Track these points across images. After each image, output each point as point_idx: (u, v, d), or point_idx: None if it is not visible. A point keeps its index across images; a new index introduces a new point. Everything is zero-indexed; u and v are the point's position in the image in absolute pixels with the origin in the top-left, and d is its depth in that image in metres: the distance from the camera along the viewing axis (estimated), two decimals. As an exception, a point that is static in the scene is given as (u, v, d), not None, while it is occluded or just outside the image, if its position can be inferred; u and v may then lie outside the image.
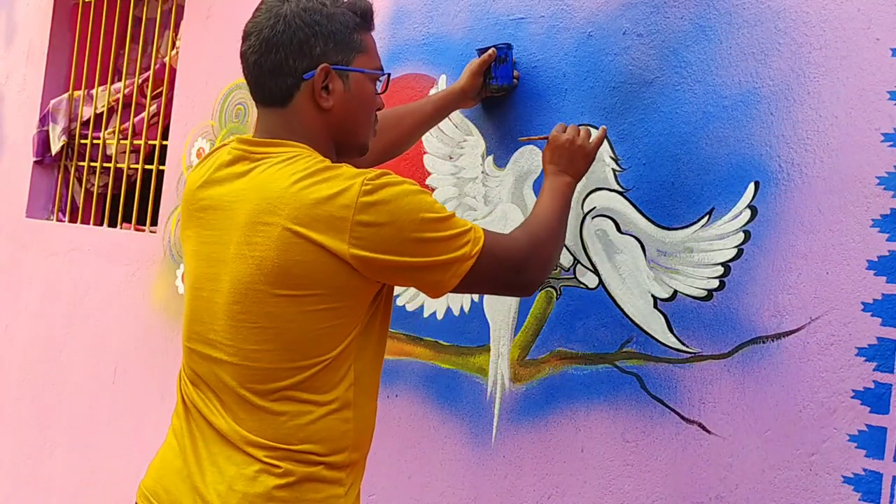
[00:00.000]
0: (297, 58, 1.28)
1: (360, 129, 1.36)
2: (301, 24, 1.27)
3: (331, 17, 1.29)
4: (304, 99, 1.30)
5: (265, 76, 1.31)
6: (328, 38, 1.28)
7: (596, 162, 1.80)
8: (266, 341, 1.23)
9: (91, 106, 3.51)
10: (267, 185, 1.24)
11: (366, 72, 1.33)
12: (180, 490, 1.28)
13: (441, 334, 2.06)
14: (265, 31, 1.29)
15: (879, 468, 1.40)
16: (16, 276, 3.60)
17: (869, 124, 1.46)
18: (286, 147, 1.29)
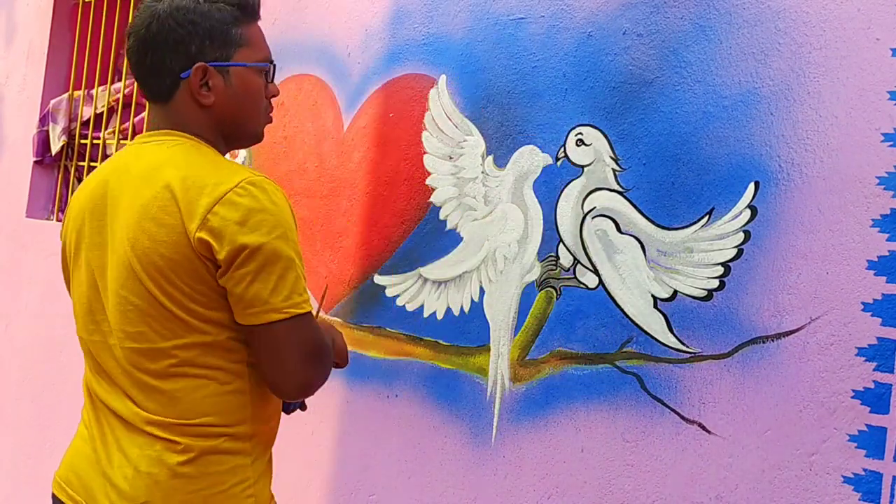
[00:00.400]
0: (173, 57, 1.28)
1: (248, 121, 1.36)
2: (174, 24, 1.27)
3: (205, 14, 1.29)
4: (184, 96, 1.31)
5: (146, 75, 1.32)
6: (204, 36, 1.28)
7: (596, 162, 1.80)
8: (146, 322, 1.25)
9: (91, 106, 3.51)
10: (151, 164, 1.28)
11: (247, 65, 1.33)
12: (90, 476, 1.30)
13: (441, 334, 2.06)
14: (142, 31, 1.30)
15: (879, 468, 1.40)
16: (16, 276, 3.60)
17: (869, 124, 1.46)
18: (173, 136, 1.31)
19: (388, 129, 2.25)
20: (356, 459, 2.21)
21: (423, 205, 2.15)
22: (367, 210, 2.29)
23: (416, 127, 2.18)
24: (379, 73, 2.29)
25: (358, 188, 2.31)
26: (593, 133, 1.82)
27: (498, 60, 2.02)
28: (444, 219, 2.10)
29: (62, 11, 3.69)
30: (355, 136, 2.33)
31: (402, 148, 2.21)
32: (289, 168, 2.51)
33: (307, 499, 2.31)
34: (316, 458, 2.31)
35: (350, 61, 2.37)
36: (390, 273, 2.21)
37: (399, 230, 2.20)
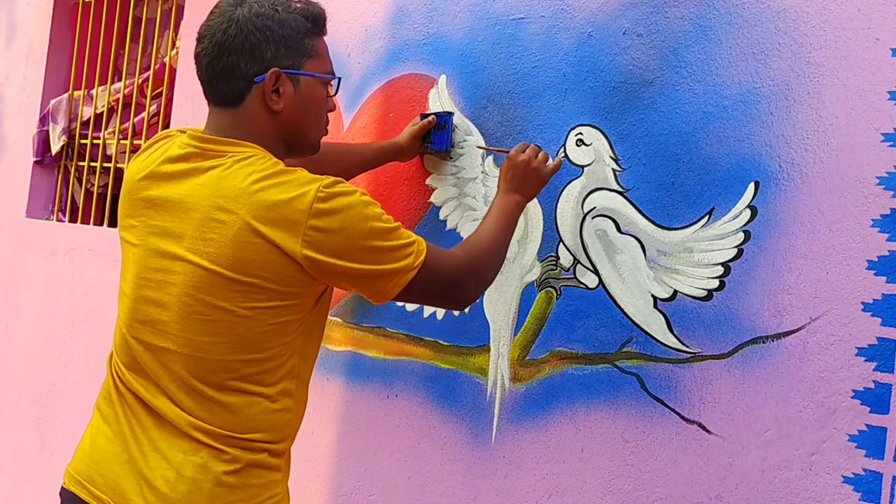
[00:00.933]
0: (248, 61, 1.32)
1: (311, 130, 1.42)
2: (253, 28, 1.31)
3: (282, 22, 1.33)
4: (254, 101, 1.34)
5: (217, 78, 1.35)
6: (279, 43, 1.32)
7: (596, 162, 1.80)
8: (218, 334, 1.28)
9: (91, 106, 3.51)
10: (223, 183, 1.28)
11: (316, 76, 1.38)
12: (119, 475, 1.30)
13: (441, 334, 2.06)
14: (218, 34, 1.32)
15: (879, 468, 1.40)
16: (16, 276, 3.60)
17: (869, 124, 1.46)
18: (240, 147, 1.33)
19: (388, 129, 2.24)
20: (356, 459, 2.21)
21: (423, 205, 2.15)
22: (367, 210, 2.29)
23: (416, 127, 2.18)
24: (379, 73, 2.29)
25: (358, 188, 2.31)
26: (593, 133, 1.82)
27: (498, 60, 2.02)
28: (444, 219, 2.11)
29: (62, 11, 3.69)
30: (355, 136, 2.33)
31: (402, 148, 2.21)
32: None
33: (307, 498, 2.31)
34: (316, 458, 2.31)
35: (350, 61, 2.37)
36: (390, 273, 2.21)
37: (399, 230, 2.20)
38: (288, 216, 1.25)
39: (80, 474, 1.36)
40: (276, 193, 1.26)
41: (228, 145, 1.33)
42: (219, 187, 1.29)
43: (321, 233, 1.26)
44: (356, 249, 1.29)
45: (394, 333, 2.16)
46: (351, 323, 2.27)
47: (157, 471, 1.28)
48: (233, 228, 1.26)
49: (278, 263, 1.26)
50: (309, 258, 1.26)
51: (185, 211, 1.31)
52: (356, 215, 1.29)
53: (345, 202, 1.29)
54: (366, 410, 2.21)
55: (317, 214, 1.25)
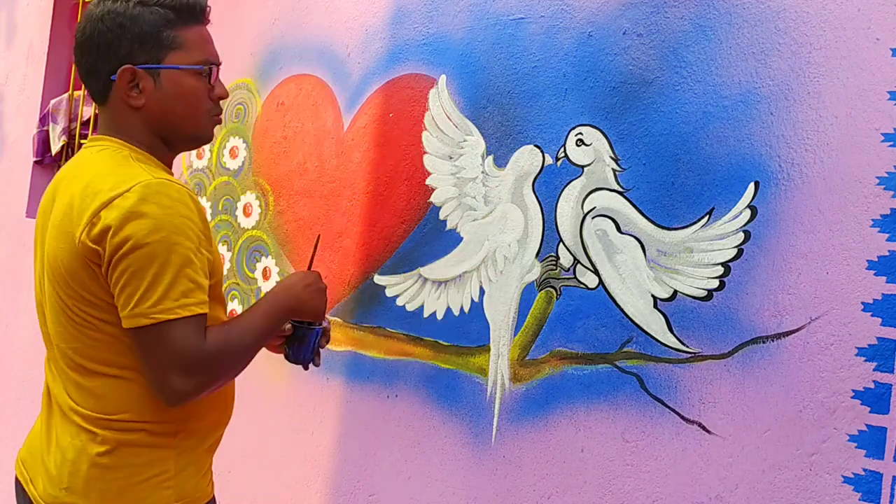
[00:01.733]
0: (104, 60, 1.31)
1: (185, 123, 1.36)
2: (104, 28, 1.30)
3: (135, 17, 1.29)
4: (116, 98, 1.33)
5: (85, 77, 1.37)
6: (133, 40, 1.29)
7: (596, 162, 1.80)
8: (61, 323, 1.31)
9: (91, 106, 3.51)
10: (73, 172, 1.33)
11: (179, 68, 1.32)
12: (35, 456, 1.39)
13: (441, 334, 2.06)
14: (79, 34, 1.34)
15: (879, 468, 1.40)
16: (16, 276, 3.60)
17: (869, 124, 1.46)
18: (103, 141, 1.36)
19: (388, 129, 2.24)
20: (356, 459, 2.21)
21: (423, 205, 2.15)
22: (367, 210, 2.29)
23: (416, 127, 2.18)
24: (379, 73, 2.29)
25: (358, 188, 2.31)
26: (593, 133, 1.82)
27: (498, 60, 2.02)
28: (444, 219, 2.11)
29: (62, 11, 3.69)
30: (355, 136, 2.33)
31: (402, 148, 2.21)
32: (289, 168, 2.51)
33: (307, 498, 2.31)
34: (316, 458, 2.31)
35: (350, 61, 2.37)
36: (390, 273, 2.21)
37: (399, 230, 2.20)
38: (94, 200, 1.23)
39: (20, 455, 1.47)
40: (102, 176, 1.26)
41: (95, 140, 1.37)
42: (70, 177, 1.33)
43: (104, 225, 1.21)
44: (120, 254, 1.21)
45: (394, 333, 2.16)
46: (351, 323, 2.27)
47: (51, 454, 1.34)
48: (60, 212, 1.29)
49: (73, 250, 1.25)
50: (86, 246, 1.23)
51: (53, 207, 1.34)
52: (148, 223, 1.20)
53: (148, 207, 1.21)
54: (366, 410, 2.21)
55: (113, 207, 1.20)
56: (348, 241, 2.32)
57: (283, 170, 2.53)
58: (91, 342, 1.29)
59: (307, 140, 2.46)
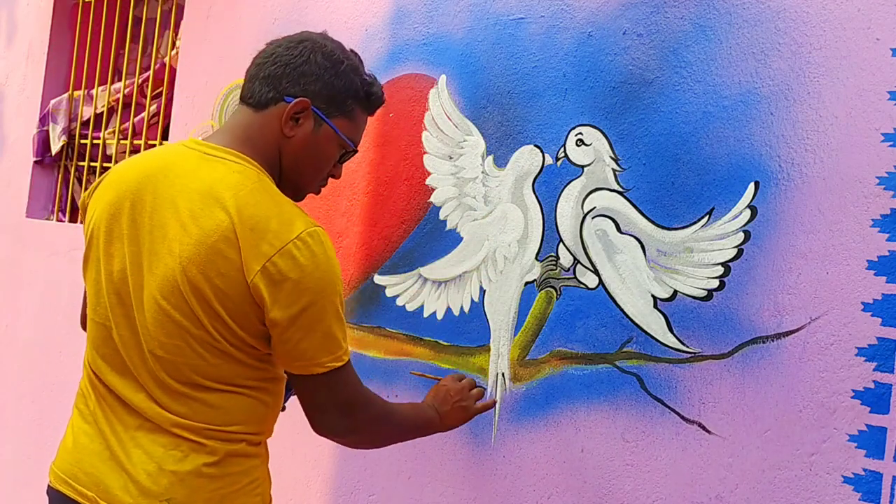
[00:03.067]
0: (291, 81, 1.37)
1: (306, 173, 1.43)
2: (313, 59, 1.37)
3: (340, 74, 1.39)
4: (274, 115, 1.37)
5: (258, 80, 1.39)
6: (326, 85, 1.38)
7: (596, 162, 1.80)
8: (186, 337, 1.31)
9: (91, 106, 3.51)
10: (212, 185, 1.31)
11: (338, 132, 1.41)
12: (102, 471, 1.34)
13: (441, 334, 2.06)
14: (282, 47, 1.39)
15: (879, 468, 1.40)
16: (16, 276, 3.60)
17: (869, 124, 1.46)
18: (237, 157, 1.35)
19: (388, 129, 2.24)
20: (356, 459, 2.21)
21: (423, 205, 2.15)
22: (367, 210, 2.29)
23: (416, 127, 2.18)
24: (379, 73, 2.29)
25: (358, 188, 2.31)
26: (593, 133, 1.82)
27: (498, 60, 2.02)
28: (444, 219, 2.11)
29: (62, 11, 3.69)
30: (355, 136, 2.33)
31: (402, 148, 2.21)
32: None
33: (307, 498, 2.31)
34: (316, 458, 2.31)
35: (350, 61, 2.37)
36: (390, 273, 2.21)
37: (399, 230, 2.20)
38: (263, 239, 1.26)
39: (64, 472, 1.39)
40: (262, 210, 1.28)
41: (226, 153, 1.35)
42: (208, 189, 1.30)
43: (280, 273, 1.26)
44: (298, 310, 1.28)
45: (394, 333, 2.16)
46: (351, 323, 2.27)
47: (139, 465, 1.31)
48: (213, 232, 1.27)
49: (236, 281, 1.27)
50: (257, 287, 1.27)
51: (173, 209, 1.32)
52: (321, 281, 1.29)
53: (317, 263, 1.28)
54: (366, 410, 2.21)
55: (285, 255, 1.26)
56: (348, 241, 2.32)
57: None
58: (216, 361, 1.32)
59: (307, 140, 2.46)
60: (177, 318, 1.30)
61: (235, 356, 1.32)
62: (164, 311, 1.30)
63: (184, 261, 1.28)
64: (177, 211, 1.31)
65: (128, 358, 1.35)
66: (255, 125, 1.38)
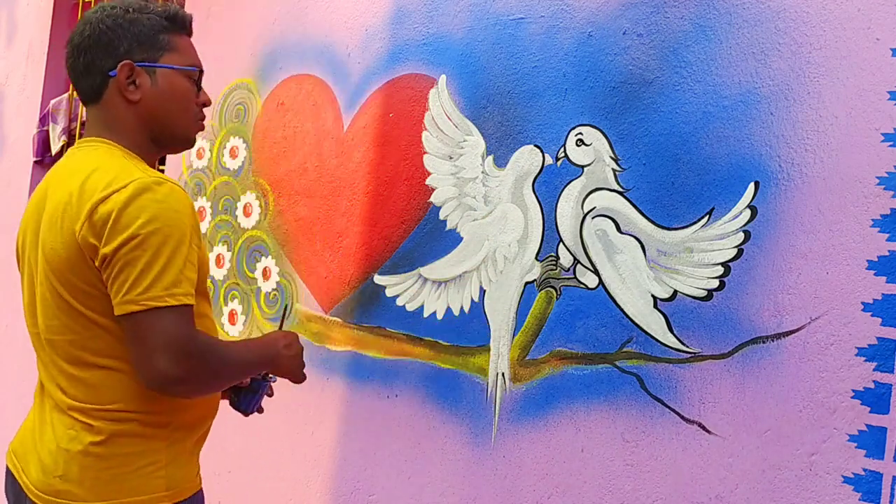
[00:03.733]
0: (102, 57, 1.40)
1: (176, 122, 1.44)
2: (104, 27, 1.40)
3: (134, 21, 1.41)
4: (112, 94, 1.41)
5: (79, 77, 1.44)
6: (132, 39, 1.40)
7: (596, 162, 1.80)
8: (57, 316, 1.36)
9: (91, 106, 3.51)
10: (66, 171, 1.38)
11: (173, 67, 1.42)
12: (27, 447, 1.44)
13: (441, 334, 2.06)
14: (76, 37, 1.43)
15: (879, 468, 1.40)
16: (16, 276, 3.59)
17: (869, 124, 1.46)
18: (93, 142, 1.41)
19: (388, 129, 2.25)
20: (356, 459, 2.21)
21: (423, 205, 2.15)
22: (367, 210, 2.29)
23: (416, 127, 2.18)
24: (379, 73, 2.30)
25: (358, 188, 2.31)
26: (593, 133, 1.82)
27: (498, 60, 2.02)
28: (444, 219, 2.11)
29: (62, 11, 3.69)
30: (355, 136, 2.33)
31: (402, 148, 2.21)
32: (289, 168, 2.51)
33: (307, 498, 2.31)
34: (316, 458, 2.31)
35: (350, 61, 2.37)
36: (390, 273, 2.21)
37: (399, 230, 2.20)
38: (92, 197, 1.28)
39: (12, 447, 1.50)
40: (97, 174, 1.31)
41: (86, 142, 1.42)
42: (63, 175, 1.38)
43: (101, 217, 1.26)
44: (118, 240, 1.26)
45: (394, 333, 2.16)
46: (351, 323, 2.27)
47: (45, 444, 1.39)
48: (58, 209, 1.33)
49: (72, 245, 1.30)
50: (86, 241, 1.28)
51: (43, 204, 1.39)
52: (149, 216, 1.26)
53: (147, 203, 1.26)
54: (366, 410, 2.21)
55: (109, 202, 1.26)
56: (348, 241, 2.32)
57: (283, 170, 2.53)
58: (87, 334, 1.34)
59: (307, 140, 2.46)
60: (49, 299, 1.37)
61: (102, 323, 1.33)
62: (42, 296, 1.38)
63: (43, 241, 1.36)
64: (48, 200, 1.38)
65: (38, 350, 1.45)
66: (103, 115, 1.42)
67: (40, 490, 1.36)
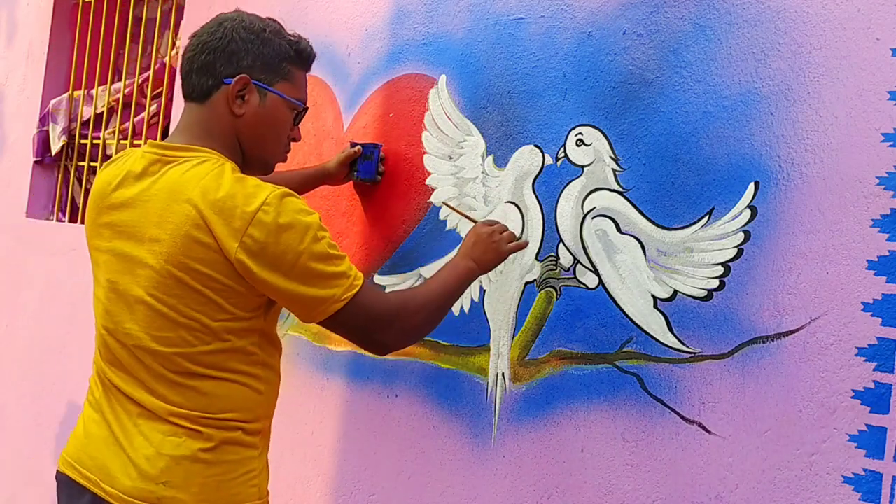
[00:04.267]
0: (224, 63, 1.43)
1: (267, 145, 1.50)
2: (237, 37, 1.43)
3: (266, 41, 1.45)
4: (220, 100, 1.43)
5: (194, 72, 1.45)
6: (257, 57, 1.44)
7: (596, 162, 1.80)
8: (176, 328, 1.36)
9: (91, 106, 3.51)
10: (178, 182, 1.37)
11: (283, 96, 1.47)
12: (106, 455, 1.40)
13: (441, 334, 2.06)
14: (205, 35, 1.45)
15: (879, 468, 1.40)
16: (16, 276, 3.60)
17: (869, 124, 1.46)
18: (197, 152, 1.41)
19: (388, 129, 2.25)
20: (356, 459, 2.21)
21: (423, 205, 2.15)
22: (367, 210, 2.29)
23: (416, 127, 2.18)
24: (379, 73, 2.30)
25: (358, 188, 2.31)
26: (593, 133, 1.83)
27: (498, 60, 2.02)
28: (444, 219, 2.11)
29: (62, 11, 3.69)
30: (355, 136, 2.33)
31: (402, 148, 2.21)
32: (289, 168, 2.51)
33: (307, 498, 2.31)
34: (316, 458, 2.31)
35: (350, 61, 2.38)
36: (390, 273, 2.21)
37: (399, 230, 2.20)
38: (234, 214, 1.31)
39: (71, 457, 1.46)
40: (224, 189, 1.33)
41: (187, 150, 1.42)
42: (173, 186, 1.37)
43: (257, 242, 1.31)
44: (287, 266, 1.33)
45: (394, 333, 2.16)
46: (351, 323, 2.27)
47: (139, 450, 1.37)
48: (183, 224, 1.33)
49: (219, 262, 1.32)
50: (242, 262, 1.32)
51: (144, 212, 1.39)
52: (296, 234, 1.33)
53: (289, 218, 1.33)
54: (366, 410, 2.21)
55: (258, 223, 1.31)
56: (348, 241, 2.32)
57: (284, 170, 2.53)
58: (206, 349, 1.37)
59: (307, 140, 2.46)
60: (164, 312, 1.36)
61: (225, 339, 1.37)
62: (153, 307, 1.37)
63: (164, 256, 1.35)
64: (148, 213, 1.38)
65: (123, 357, 1.42)
66: (205, 116, 1.44)
67: (138, 497, 1.35)
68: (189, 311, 1.35)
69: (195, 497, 1.35)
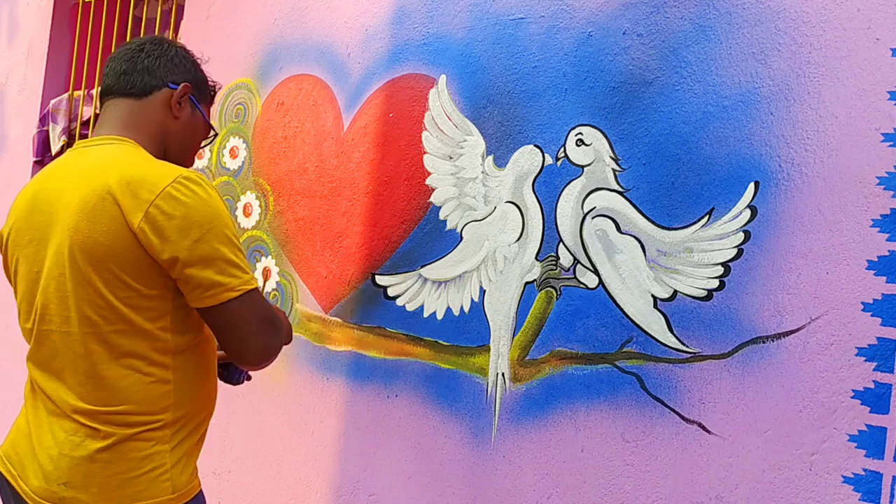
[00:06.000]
0: (168, 70, 1.52)
1: (187, 151, 1.58)
2: (180, 53, 1.55)
3: (198, 67, 1.59)
4: (159, 101, 1.50)
5: (136, 71, 1.50)
6: (194, 76, 1.55)
7: (596, 162, 1.80)
8: (77, 308, 1.36)
9: (91, 106, 3.51)
10: (91, 162, 1.40)
11: (206, 118, 1.60)
12: (23, 452, 1.44)
13: (441, 334, 2.06)
14: (149, 43, 1.54)
15: (879, 468, 1.40)
16: (16, 276, 3.59)
17: (869, 124, 1.46)
18: (120, 140, 1.44)
19: (388, 129, 2.25)
20: (356, 459, 2.21)
21: (423, 205, 2.15)
22: (367, 210, 2.29)
23: (416, 127, 2.18)
24: (379, 73, 2.30)
25: (358, 188, 2.31)
26: (593, 133, 1.83)
27: (498, 60, 2.02)
28: (444, 219, 2.11)
29: (62, 11, 3.69)
30: (355, 136, 2.33)
31: (402, 148, 2.21)
32: (289, 168, 2.51)
33: (307, 498, 2.31)
34: (316, 458, 2.31)
35: (350, 61, 2.38)
36: (390, 273, 2.21)
37: (399, 230, 2.20)
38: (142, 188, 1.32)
39: (3, 451, 1.50)
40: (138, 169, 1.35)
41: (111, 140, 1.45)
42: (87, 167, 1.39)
43: (164, 213, 1.31)
44: (190, 241, 1.32)
45: (394, 333, 2.16)
46: (351, 323, 2.27)
47: (45, 449, 1.39)
48: (90, 197, 1.34)
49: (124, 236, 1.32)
50: (144, 232, 1.31)
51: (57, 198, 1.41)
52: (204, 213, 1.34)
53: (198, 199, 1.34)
54: (366, 410, 2.21)
55: (166, 197, 1.31)
56: (348, 241, 2.32)
57: (283, 170, 2.53)
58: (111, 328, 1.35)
59: (307, 140, 2.46)
60: (71, 288, 1.36)
61: (128, 319, 1.35)
62: (61, 284, 1.37)
63: (69, 231, 1.35)
64: (61, 195, 1.39)
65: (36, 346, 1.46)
66: (137, 111, 1.48)
67: (42, 497, 1.36)
68: (94, 287, 1.34)
69: (95, 497, 1.34)
